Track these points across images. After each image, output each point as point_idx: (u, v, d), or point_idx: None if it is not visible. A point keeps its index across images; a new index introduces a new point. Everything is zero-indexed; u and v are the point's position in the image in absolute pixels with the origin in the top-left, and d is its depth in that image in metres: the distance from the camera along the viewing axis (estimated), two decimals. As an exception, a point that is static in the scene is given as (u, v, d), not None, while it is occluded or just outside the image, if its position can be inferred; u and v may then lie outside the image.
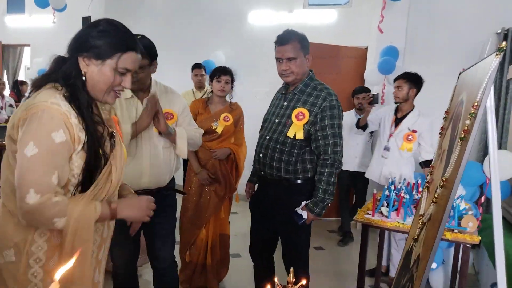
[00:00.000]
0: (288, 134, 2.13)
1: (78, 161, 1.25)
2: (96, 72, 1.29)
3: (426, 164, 3.33)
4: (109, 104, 1.39)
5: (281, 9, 5.52)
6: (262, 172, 2.29)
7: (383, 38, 4.53)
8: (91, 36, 1.29)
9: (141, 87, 2.08)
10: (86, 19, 6.26)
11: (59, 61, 1.32)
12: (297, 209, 2.15)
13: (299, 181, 2.19)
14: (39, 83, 1.28)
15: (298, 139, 2.12)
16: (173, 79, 4.55)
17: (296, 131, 2.11)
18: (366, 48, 5.04)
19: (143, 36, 2.08)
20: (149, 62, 2.05)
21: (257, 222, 2.43)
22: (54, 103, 1.19)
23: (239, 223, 4.49)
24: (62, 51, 1.49)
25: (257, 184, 2.53)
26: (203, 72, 4.69)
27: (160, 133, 2.07)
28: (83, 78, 1.28)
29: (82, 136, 1.24)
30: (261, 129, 2.36)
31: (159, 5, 6.23)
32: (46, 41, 7.28)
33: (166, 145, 2.13)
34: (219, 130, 3.16)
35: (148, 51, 2.01)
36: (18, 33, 7.60)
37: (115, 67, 1.30)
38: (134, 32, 4.83)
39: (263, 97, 5.57)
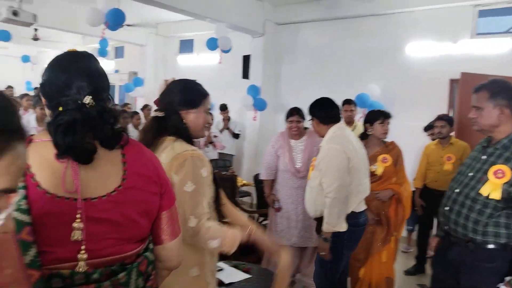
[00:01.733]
0: (480, 191, 1.95)
1: (210, 193, 1.59)
2: (195, 117, 1.68)
3: None
4: (203, 137, 1.86)
5: (444, 40, 5.18)
6: (446, 227, 2.15)
7: None
8: (182, 95, 1.67)
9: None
10: (246, 57, 6.80)
11: (159, 120, 1.66)
12: (500, 285, 1.91)
13: (488, 246, 1.96)
14: (151, 140, 1.61)
15: (492, 199, 1.91)
16: None
17: (492, 190, 1.90)
18: (551, 80, 4.39)
19: None
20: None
21: (440, 281, 2.26)
22: (194, 149, 1.58)
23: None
24: (223, 84, 1.80)
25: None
26: (353, 108, 4.68)
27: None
28: (185, 126, 1.65)
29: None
30: (452, 180, 2.22)
31: (311, 42, 6.45)
32: (210, 77, 8.14)
33: (311, 184, 2.68)
34: (378, 172, 3.18)
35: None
36: (187, 70, 8.66)
37: (205, 109, 1.72)
38: (289, 68, 5.47)
39: (421, 131, 5.26)
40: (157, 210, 1.14)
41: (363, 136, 3.30)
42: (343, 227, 2.51)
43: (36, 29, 8.48)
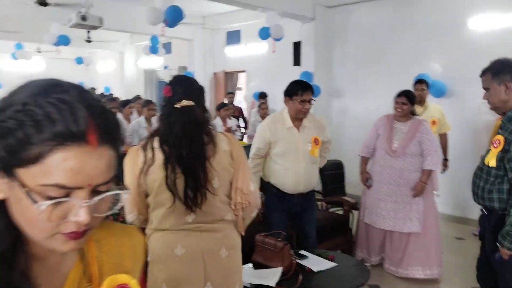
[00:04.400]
0: (484, 161, 2.18)
1: None
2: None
3: None
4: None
5: (510, 11, 4.89)
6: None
7: None
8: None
9: (301, 117, 2.94)
10: (296, 44, 6.74)
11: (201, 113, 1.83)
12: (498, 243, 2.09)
13: (497, 211, 2.13)
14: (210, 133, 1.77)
15: (492, 167, 2.12)
16: (382, 93, 4.53)
17: (490, 158, 2.12)
18: None
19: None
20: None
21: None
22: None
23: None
24: (274, 75, 2.05)
25: None
26: (424, 87, 4.56)
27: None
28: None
29: None
30: None
31: (365, 23, 6.28)
32: (259, 66, 8.15)
33: (314, 161, 3.01)
34: None
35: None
36: (235, 61, 8.70)
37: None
38: (342, 51, 6.12)
39: (487, 109, 5.01)
40: None
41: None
42: None
43: (89, 31, 8.79)
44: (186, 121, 1.66)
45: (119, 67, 12.44)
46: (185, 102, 1.66)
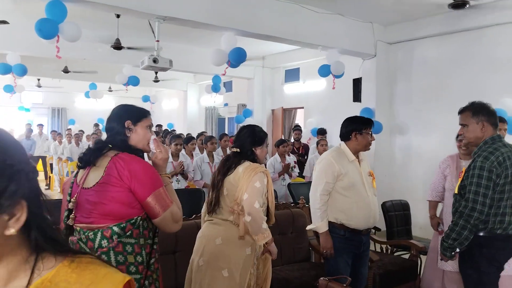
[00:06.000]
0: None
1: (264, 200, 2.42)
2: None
3: None
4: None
5: None
6: None
7: None
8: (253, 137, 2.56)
9: (368, 150, 3.00)
10: (356, 81, 6.69)
11: (237, 155, 2.52)
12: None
13: None
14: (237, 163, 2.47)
15: (456, 194, 2.50)
16: (450, 130, 4.30)
17: (456, 187, 2.53)
18: None
19: None
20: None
21: None
22: (266, 169, 2.51)
23: None
24: (332, 111, 1.98)
25: None
26: (504, 126, 4.22)
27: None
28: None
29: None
30: None
31: (429, 58, 6.11)
32: (317, 103, 8.16)
33: (375, 193, 3.02)
34: None
35: None
36: (293, 98, 8.80)
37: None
38: (405, 87, 5.39)
39: None
40: (134, 199, 1.71)
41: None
42: None
43: (156, 72, 9.34)
44: (226, 160, 2.57)
45: (182, 105, 13.01)
46: (233, 149, 2.56)
